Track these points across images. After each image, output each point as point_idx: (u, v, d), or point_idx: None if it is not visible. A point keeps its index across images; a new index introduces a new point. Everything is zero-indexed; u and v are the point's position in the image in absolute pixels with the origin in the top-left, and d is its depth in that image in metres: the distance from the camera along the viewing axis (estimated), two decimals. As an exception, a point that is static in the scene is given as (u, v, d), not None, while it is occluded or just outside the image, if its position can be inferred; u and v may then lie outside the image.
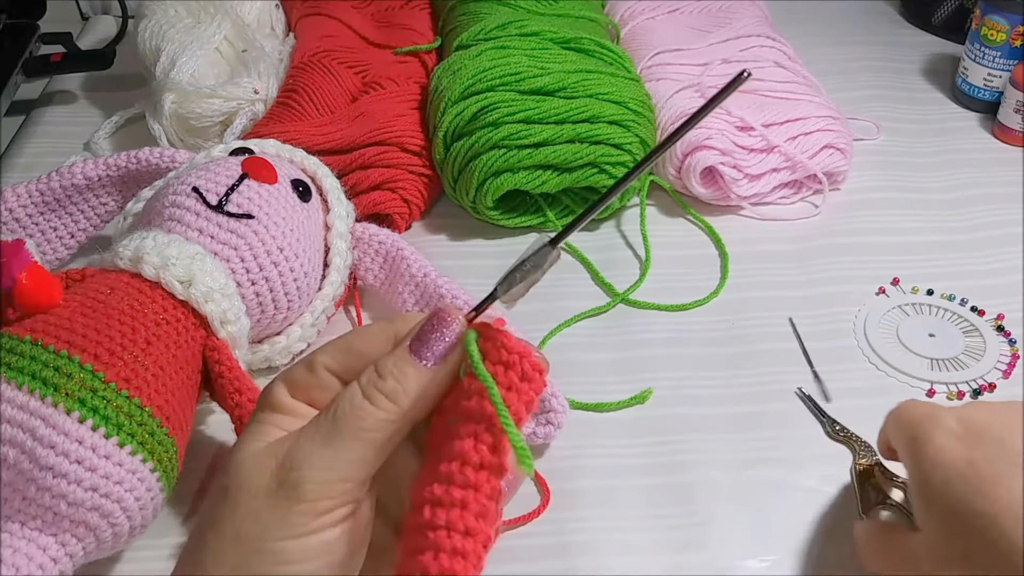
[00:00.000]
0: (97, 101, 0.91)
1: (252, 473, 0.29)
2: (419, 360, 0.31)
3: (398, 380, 0.30)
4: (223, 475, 0.30)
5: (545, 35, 0.79)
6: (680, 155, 0.76)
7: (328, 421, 0.30)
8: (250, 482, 0.29)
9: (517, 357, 0.31)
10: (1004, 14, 0.86)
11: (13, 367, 0.46)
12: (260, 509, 0.29)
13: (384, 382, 0.30)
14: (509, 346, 0.31)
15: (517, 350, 0.31)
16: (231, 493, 0.29)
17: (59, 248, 0.67)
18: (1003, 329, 0.67)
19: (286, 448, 0.30)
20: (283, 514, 0.28)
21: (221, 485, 0.30)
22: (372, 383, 0.30)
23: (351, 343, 0.32)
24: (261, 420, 0.31)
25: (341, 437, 0.29)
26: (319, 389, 0.32)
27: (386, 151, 0.73)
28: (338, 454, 0.29)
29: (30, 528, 0.45)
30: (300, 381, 0.32)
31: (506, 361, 0.31)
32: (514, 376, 0.31)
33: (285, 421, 0.31)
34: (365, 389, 0.30)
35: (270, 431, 0.31)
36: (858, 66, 0.99)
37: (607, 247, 0.75)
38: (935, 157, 0.86)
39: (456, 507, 0.29)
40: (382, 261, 0.65)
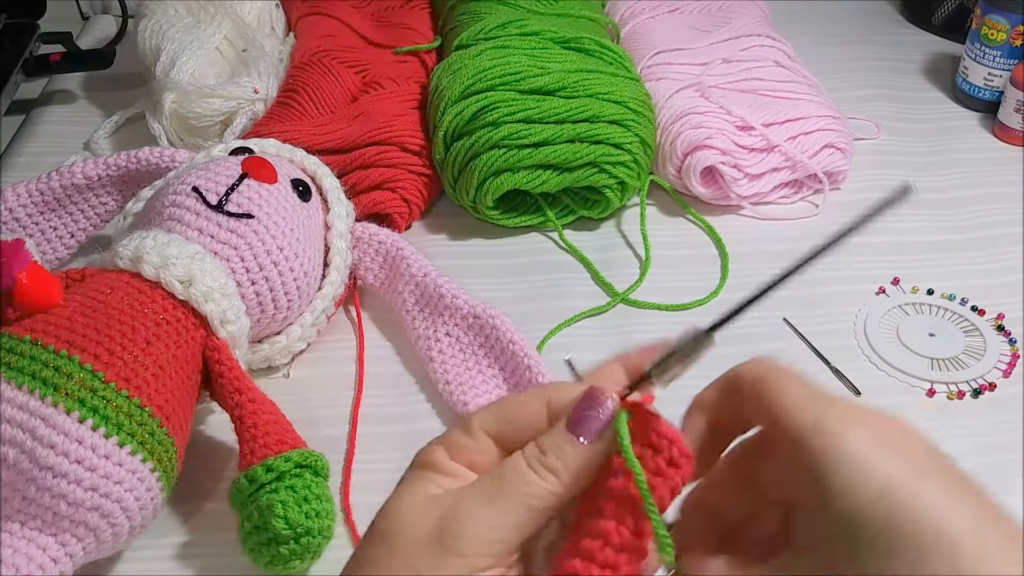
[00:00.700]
0: (97, 101, 0.91)
1: (413, 521, 0.30)
2: (576, 437, 0.32)
3: (558, 456, 0.31)
4: (380, 520, 0.31)
5: (545, 35, 0.79)
6: (680, 155, 0.76)
7: (493, 483, 0.31)
8: (410, 530, 0.30)
9: (667, 442, 0.31)
10: (1004, 13, 0.86)
11: (13, 367, 0.46)
12: (418, 556, 0.30)
13: (546, 457, 0.31)
14: (660, 430, 0.32)
15: (667, 435, 0.32)
16: (389, 538, 0.31)
17: (59, 248, 0.67)
18: (1003, 329, 0.67)
19: (449, 502, 0.31)
20: (440, 564, 0.29)
21: (378, 530, 0.31)
22: (535, 456, 0.31)
23: (507, 408, 0.33)
24: (422, 477, 0.32)
25: (505, 499, 0.31)
26: (477, 452, 0.33)
27: (386, 151, 0.73)
28: (500, 515, 0.30)
29: (30, 528, 0.45)
30: (458, 443, 0.33)
31: (655, 444, 0.31)
32: (662, 461, 0.31)
33: (445, 481, 0.32)
34: (529, 460, 0.31)
35: (430, 487, 0.32)
36: (858, 66, 0.99)
37: (607, 247, 0.75)
38: (935, 157, 0.86)
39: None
40: (382, 261, 0.65)
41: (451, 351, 0.61)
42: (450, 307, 0.62)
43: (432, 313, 0.63)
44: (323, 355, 0.65)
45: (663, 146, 0.77)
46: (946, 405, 0.62)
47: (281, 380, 0.63)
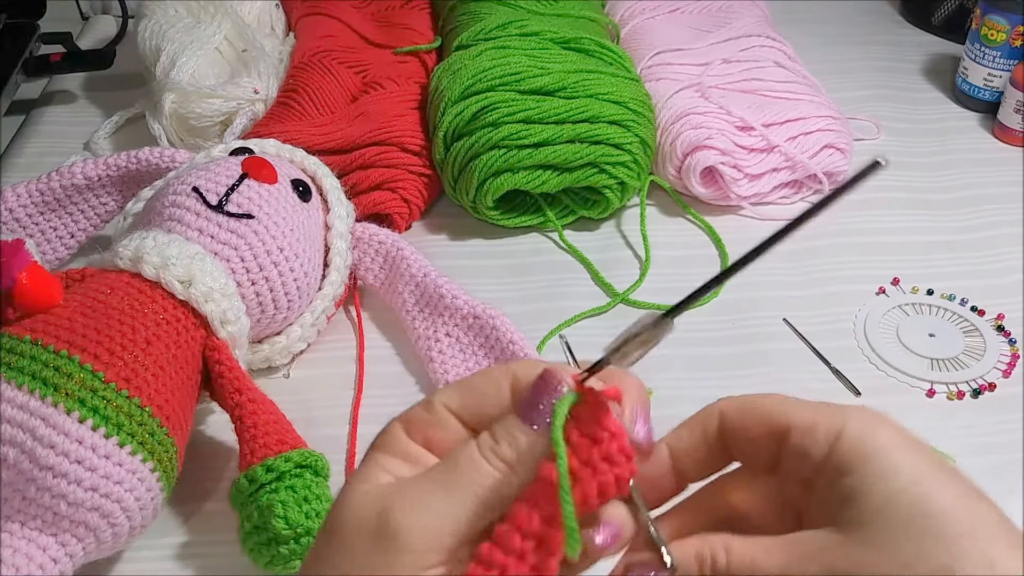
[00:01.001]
0: (97, 101, 0.91)
1: (358, 514, 0.29)
2: (528, 424, 0.30)
3: (511, 445, 0.30)
4: (331, 514, 0.30)
5: (545, 35, 0.79)
6: (680, 155, 0.76)
7: (446, 471, 0.30)
8: (354, 523, 0.29)
9: (607, 436, 0.30)
10: (1004, 14, 0.86)
11: (13, 367, 0.46)
12: (364, 552, 0.28)
13: (499, 446, 0.30)
14: (604, 422, 0.30)
15: (609, 428, 0.30)
16: (335, 532, 0.29)
17: (59, 248, 0.67)
18: (1003, 329, 0.67)
19: (394, 491, 0.29)
20: (387, 560, 0.28)
21: (328, 525, 0.30)
22: (488, 445, 0.30)
23: (470, 385, 0.32)
24: (375, 462, 0.31)
25: (456, 488, 0.29)
26: (437, 428, 0.31)
27: (386, 151, 0.73)
28: (450, 505, 0.29)
29: (30, 528, 0.45)
30: (417, 419, 0.31)
31: (595, 436, 0.30)
32: (597, 454, 0.29)
33: (398, 466, 0.31)
34: (482, 449, 0.30)
35: (380, 474, 0.30)
36: (858, 66, 0.99)
37: (607, 247, 0.75)
38: (935, 157, 0.86)
39: (495, 570, 0.28)
40: (382, 261, 0.65)
41: (451, 351, 0.61)
42: (450, 307, 0.62)
43: (432, 313, 0.63)
44: (323, 355, 0.65)
45: (663, 146, 0.77)
46: (946, 405, 0.62)
47: (281, 380, 0.63)
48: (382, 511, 0.29)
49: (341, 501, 0.30)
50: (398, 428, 0.31)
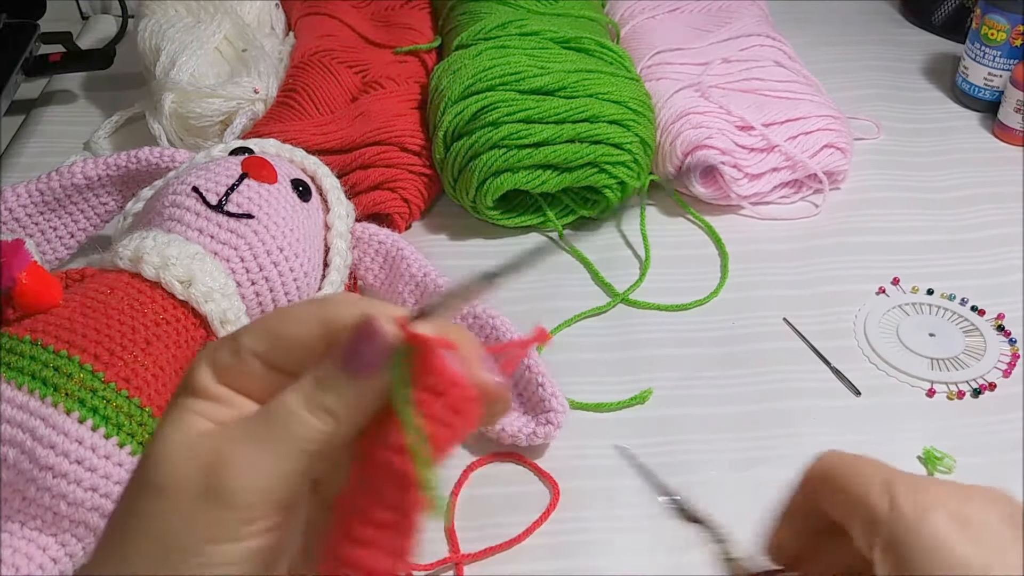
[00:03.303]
0: (97, 101, 0.91)
1: (179, 469, 0.28)
2: (349, 371, 0.28)
3: (337, 394, 0.28)
4: (145, 465, 0.28)
5: (545, 35, 0.79)
6: (680, 155, 0.76)
7: (264, 424, 0.28)
8: (177, 479, 0.27)
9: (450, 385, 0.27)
10: (1004, 13, 0.86)
11: (13, 367, 0.46)
12: (188, 509, 0.27)
13: (324, 395, 0.28)
14: (444, 371, 0.27)
15: (454, 377, 0.28)
16: (155, 488, 0.28)
17: (59, 248, 0.67)
18: (1003, 329, 0.67)
19: (217, 446, 0.28)
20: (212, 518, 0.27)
21: (143, 478, 0.28)
22: (312, 396, 0.28)
23: (278, 328, 0.30)
24: (184, 407, 0.29)
25: (277, 443, 0.28)
26: (245, 375, 0.29)
27: (386, 151, 0.73)
28: (273, 464, 0.28)
29: (30, 528, 0.45)
30: (225, 365, 0.29)
31: (436, 388, 0.27)
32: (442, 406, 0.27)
33: (210, 409, 0.29)
34: (307, 400, 0.28)
35: (194, 420, 0.29)
36: (858, 66, 0.99)
37: (607, 247, 0.75)
38: (935, 156, 0.86)
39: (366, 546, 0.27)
40: (382, 261, 0.65)
41: (451, 351, 0.61)
42: (450, 307, 0.62)
43: (432, 313, 0.63)
44: (323, 355, 0.65)
45: (663, 146, 0.77)
46: (946, 405, 0.62)
47: (281, 380, 0.63)
48: (209, 471, 0.27)
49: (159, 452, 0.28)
50: (206, 372, 0.29)
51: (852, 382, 0.63)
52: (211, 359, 0.29)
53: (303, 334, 0.29)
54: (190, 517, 0.27)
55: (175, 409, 0.29)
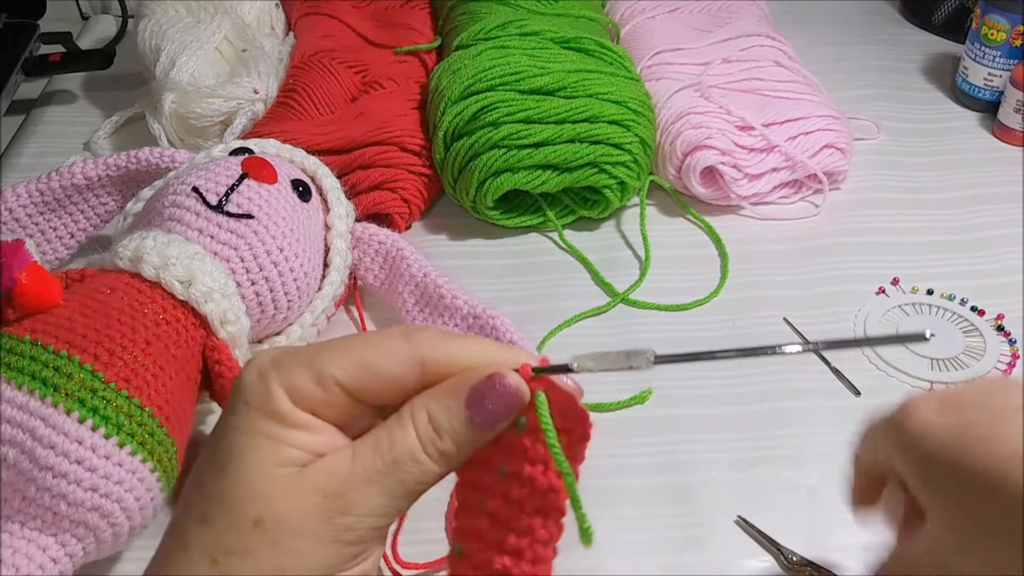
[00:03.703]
0: (97, 101, 0.91)
1: (293, 509, 0.28)
2: (476, 425, 0.30)
3: (455, 442, 0.30)
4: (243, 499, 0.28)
5: (545, 35, 0.79)
6: (680, 155, 0.76)
7: (384, 466, 0.29)
8: (293, 519, 0.28)
9: (578, 422, 0.31)
10: (1004, 13, 0.86)
11: (13, 367, 0.46)
12: (304, 546, 0.28)
13: (443, 442, 0.29)
14: (575, 411, 0.31)
15: (581, 416, 0.31)
16: (268, 529, 0.27)
17: (59, 248, 0.67)
18: (1003, 329, 0.67)
19: (336, 487, 0.28)
20: (330, 553, 0.28)
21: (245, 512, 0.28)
22: (432, 441, 0.29)
23: (367, 360, 0.30)
24: (272, 435, 0.28)
25: (396, 486, 0.29)
26: (327, 406, 0.29)
27: (386, 151, 0.73)
28: (391, 503, 0.29)
29: (30, 528, 0.45)
30: (305, 393, 0.29)
31: (567, 428, 0.30)
32: (575, 443, 0.31)
33: (300, 438, 0.29)
34: (425, 445, 0.29)
35: (288, 452, 0.28)
36: (858, 66, 0.99)
37: (607, 247, 0.75)
38: (935, 157, 0.86)
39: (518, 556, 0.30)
40: (382, 261, 0.65)
41: (451, 351, 0.61)
42: (450, 307, 0.62)
43: (432, 313, 0.63)
44: (323, 355, 0.65)
45: (663, 146, 0.77)
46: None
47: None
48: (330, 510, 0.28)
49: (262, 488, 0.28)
50: (283, 397, 0.29)
51: (852, 382, 0.63)
52: (287, 383, 0.29)
53: (396, 372, 0.30)
54: (306, 552, 0.28)
55: (260, 438, 0.28)
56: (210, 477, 0.29)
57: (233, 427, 0.29)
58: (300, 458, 0.28)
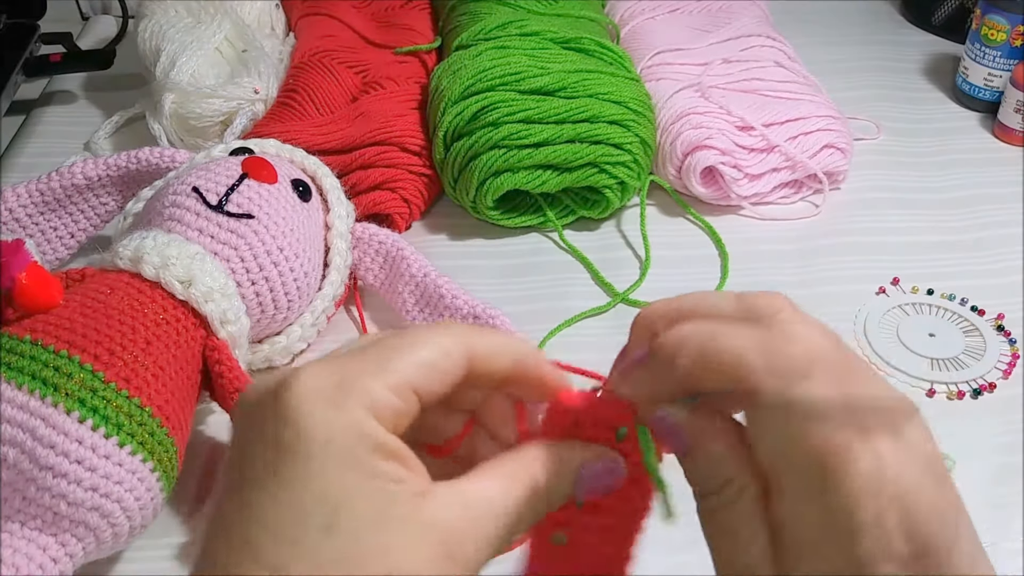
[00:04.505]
0: (97, 101, 0.91)
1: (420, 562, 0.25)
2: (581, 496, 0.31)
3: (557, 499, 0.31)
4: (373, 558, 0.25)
5: (545, 35, 0.79)
6: (680, 155, 0.76)
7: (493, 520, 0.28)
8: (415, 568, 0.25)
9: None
10: (1004, 14, 0.86)
11: (13, 367, 0.46)
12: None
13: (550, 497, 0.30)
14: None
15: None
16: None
17: (59, 248, 0.67)
18: (1003, 329, 0.67)
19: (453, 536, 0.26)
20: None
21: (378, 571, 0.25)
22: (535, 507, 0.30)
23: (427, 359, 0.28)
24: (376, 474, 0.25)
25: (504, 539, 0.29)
26: (404, 419, 0.27)
27: (386, 151, 0.73)
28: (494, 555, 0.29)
29: (30, 528, 0.45)
30: (389, 408, 0.26)
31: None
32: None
33: (400, 474, 0.26)
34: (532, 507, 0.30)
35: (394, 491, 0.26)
36: (858, 66, 0.99)
37: (607, 247, 0.75)
38: (935, 157, 0.86)
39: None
40: (382, 261, 0.65)
41: (451, 351, 0.61)
42: (450, 307, 0.62)
43: (432, 313, 0.63)
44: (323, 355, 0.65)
45: (663, 146, 0.77)
46: (946, 405, 0.62)
47: (281, 380, 0.63)
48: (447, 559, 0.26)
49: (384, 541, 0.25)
50: (374, 424, 0.26)
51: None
52: (369, 403, 0.26)
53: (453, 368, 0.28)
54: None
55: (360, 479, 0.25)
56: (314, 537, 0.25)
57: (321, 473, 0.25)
58: (405, 496, 0.26)
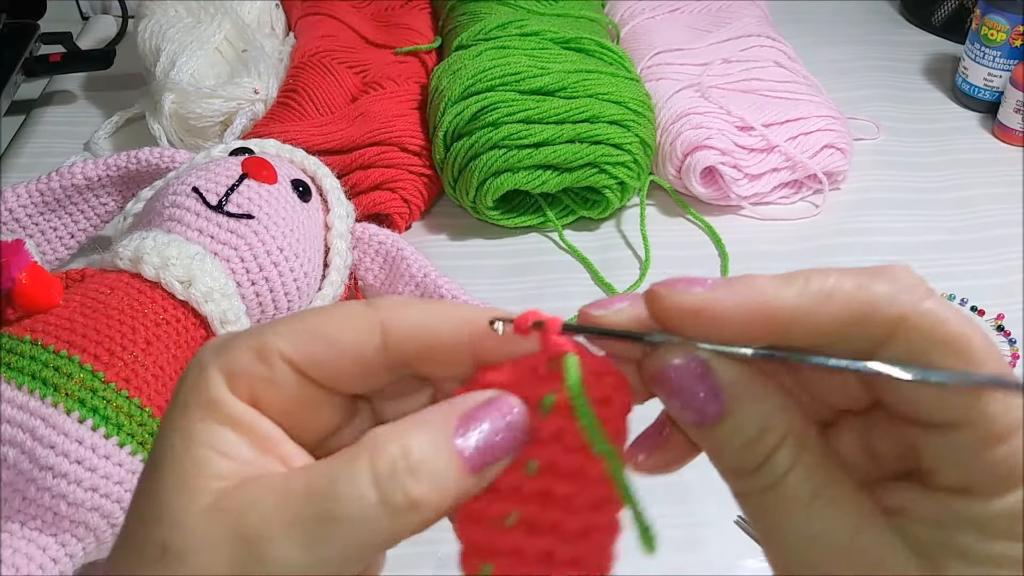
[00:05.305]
0: (97, 101, 0.91)
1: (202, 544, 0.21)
2: (466, 464, 0.22)
3: (437, 486, 0.22)
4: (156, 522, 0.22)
5: (545, 35, 0.79)
6: (680, 155, 0.76)
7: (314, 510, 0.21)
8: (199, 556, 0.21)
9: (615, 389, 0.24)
10: (1004, 14, 0.86)
11: (13, 367, 0.46)
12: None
13: (418, 484, 0.21)
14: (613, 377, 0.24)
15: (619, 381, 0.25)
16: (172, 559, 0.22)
17: (59, 248, 0.67)
18: (1003, 329, 0.67)
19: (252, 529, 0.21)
20: None
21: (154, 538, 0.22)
22: (400, 484, 0.21)
23: (318, 327, 0.23)
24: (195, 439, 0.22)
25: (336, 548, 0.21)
26: (272, 386, 0.23)
27: (386, 151, 0.73)
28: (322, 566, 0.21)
29: (30, 528, 0.45)
30: (246, 371, 0.23)
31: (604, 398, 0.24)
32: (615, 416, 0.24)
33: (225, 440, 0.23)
34: (385, 487, 0.21)
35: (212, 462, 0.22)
36: (858, 66, 0.99)
37: (607, 247, 0.75)
38: (935, 157, 0.86)
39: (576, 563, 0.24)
40: (382, 261, 0.66)
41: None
42: (450, 307, 0.62)
43: (432, 313, 0.63)
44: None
45: (663, 146, 0.77)
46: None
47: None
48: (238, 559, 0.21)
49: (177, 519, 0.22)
50: (219, 383, 0.23)
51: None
52: (224, 363, 0.23)
53: (354, 341, 0.24)
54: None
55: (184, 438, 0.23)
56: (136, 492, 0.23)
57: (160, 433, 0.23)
58: (225, 469, 0.22)
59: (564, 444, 0.24)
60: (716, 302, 0.23)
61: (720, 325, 0.23)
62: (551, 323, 0.25)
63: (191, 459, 0.22)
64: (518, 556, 0.24)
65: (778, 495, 0.23)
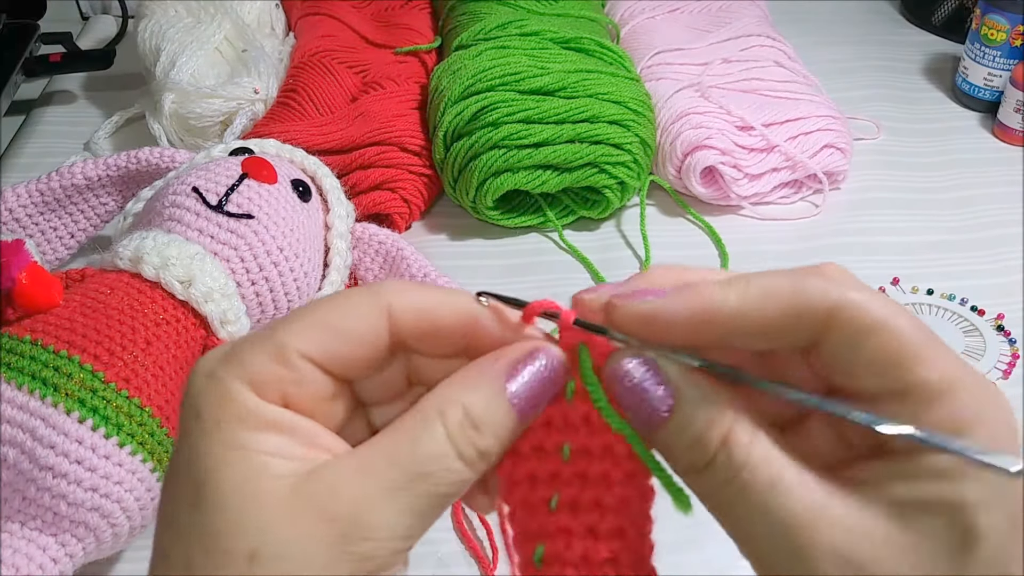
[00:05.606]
0: (97, 101, 0.91)
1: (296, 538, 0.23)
2: (520, 412, 0.25)
3: (497, 437, 0.25)
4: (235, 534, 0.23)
5: (545, 35, 0.79)
6: (680, 155, 0.76)
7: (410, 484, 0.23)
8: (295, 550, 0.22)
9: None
10: (1004, 13, 0.86)
11: (13, 367, 0.46)
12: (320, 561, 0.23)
13: (482, 437, 0.24)
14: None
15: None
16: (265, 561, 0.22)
17: (59, 248, 0.67)
18: (1003, 329, 0.67)
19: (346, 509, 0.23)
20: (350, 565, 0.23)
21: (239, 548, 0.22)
22: (469, 439, 0.24)
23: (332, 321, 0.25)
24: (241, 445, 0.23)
25: (420, 496, 0.23)
26: (296, 385, 0.24)
27: (386, 151, 0.73)
28: (415, 517, 0.24)
29: (30, 528, 0.45)
30: (269, 377, 0.24)
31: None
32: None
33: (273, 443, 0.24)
34: (462, 448, 0.24)
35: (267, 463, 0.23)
36: (858, 66, 0.99)
37: (607, 247, 0.75)
38: (935, 157, 0.86)
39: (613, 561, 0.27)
40: (382, 261, 0.66)
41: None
42: (450, 307, 0.62)
43: (432, 313, 0.63)
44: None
45: (663, 146, 0.77)
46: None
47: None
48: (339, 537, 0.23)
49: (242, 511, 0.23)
50: (246, 393, 0.24)
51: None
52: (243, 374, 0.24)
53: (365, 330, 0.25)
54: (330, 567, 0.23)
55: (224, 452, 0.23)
56: (184, 517, 0.23)
57: (191, 449, 0.24)
58: (285, 469, 0.23)
59: (591, 427, 0.27)
60: (664, 309, 0.25)
61: (671, 329, 0.25)
62: (565, 316, 0.27)
63: (251, 467, 0.23)
64: (566, 534, 0.26)
65: (736, 488, 0.24)
